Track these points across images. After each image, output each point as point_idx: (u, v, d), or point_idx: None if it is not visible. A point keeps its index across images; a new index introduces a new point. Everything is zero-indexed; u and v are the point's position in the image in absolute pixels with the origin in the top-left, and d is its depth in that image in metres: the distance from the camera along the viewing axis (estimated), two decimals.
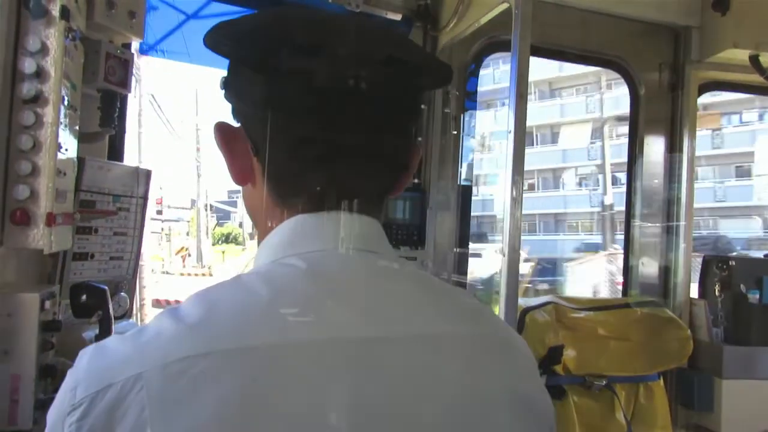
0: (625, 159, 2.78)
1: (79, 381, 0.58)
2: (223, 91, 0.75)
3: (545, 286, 12.46)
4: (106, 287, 1.51)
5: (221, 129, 0.74)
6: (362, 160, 0.71)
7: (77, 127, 1.50)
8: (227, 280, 0.68)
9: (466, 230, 2.54)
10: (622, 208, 2.76)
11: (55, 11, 1.33)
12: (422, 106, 0.78)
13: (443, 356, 0.66)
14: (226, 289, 0.66)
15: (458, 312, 0.73)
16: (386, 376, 0.62)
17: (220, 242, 34.33)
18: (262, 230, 0.75)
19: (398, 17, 2.37)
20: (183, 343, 0.58)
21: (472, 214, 2.55)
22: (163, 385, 0.56)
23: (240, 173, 0.75)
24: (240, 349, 0.58)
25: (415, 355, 0.64)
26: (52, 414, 0.60)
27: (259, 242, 0.76)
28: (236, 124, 0.75)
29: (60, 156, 1.35)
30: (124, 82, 1.69)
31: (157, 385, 0.55)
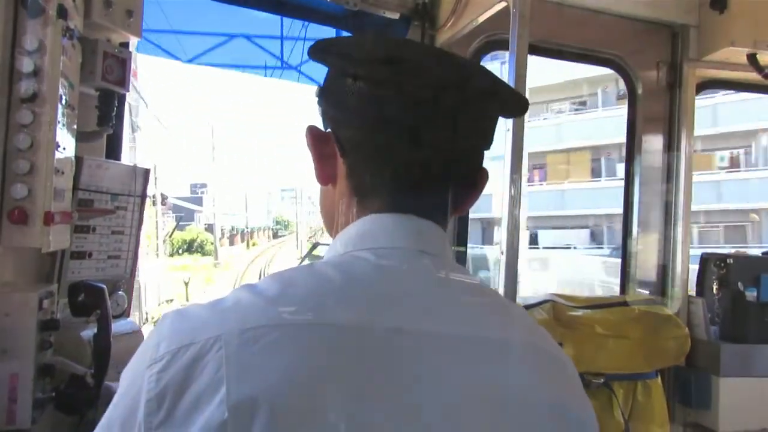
0: None
1: (162, 338, 0.64)
2: (318, 98, 0.82)
3: None
4: (104, 286, 1.50)
5: (312, 131, 0.82)
6: (439, 171, 0.77)
7: (75, 126, 1.50)
8: (302, 266, 0.75)
9: (464, 229, 2.54)
10: None
11: (53, 10, 1.32)
12: (494, 133, 0.85)
13: (498, 361, 0.71)
14: (300, 272, 0.73)
15: (510, 320, 0.78)
16: (433, 370, 0.66)
17: (180, 252, 26.49)
18: (336, 228, 0.81)
19: (396, 16, 2.36)
20: (259, 313, 0.64)
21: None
22: (238, 347, 0.61)
23: (326, 174, 0.82)
24: (311, 324, 0.64)
25: (465, 353, 0.69)
26: (131, 369, 0.66)
27: (333, 237, 0.82)
28: (326, 129, 0.82)
29: (58, 155, 1.35)
30: (122, 81, 1.68)
31: (233, 347, 0.61)
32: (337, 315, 0.65)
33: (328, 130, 0.81)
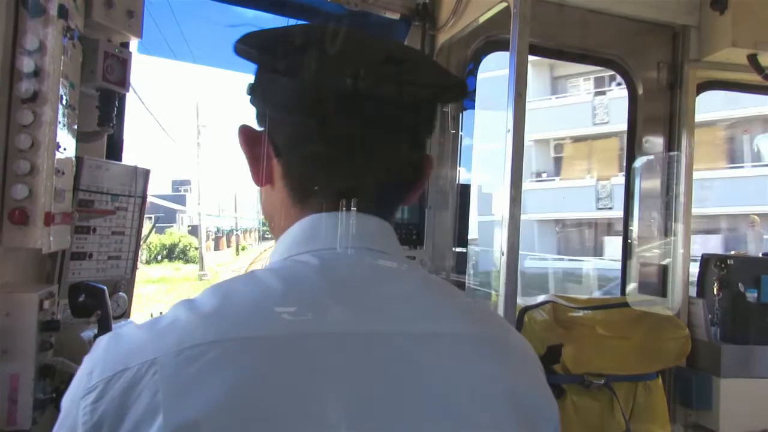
0: None
1: (95, 365, 0.61)
2: (249, 96, 0.78)
3: None
4: (105, 287, 1.50)
5: (245, 132, 0.78)
6: (379, 167, 0.74)
7: (75, 127, 1.50)
8: (242, 275, 0.71)
9: (465, 229, 2.54)
10: None
11: (53, 10, 1.32)
12: (436, 120, 0.82)
13: (444, 354, 0.68)
14: (240, 283, 0.69)
15: (461, 312, 0.75)
16: (386, 372, 0.64)
17: (158, 259, 23.24)
18: (278, 231, 0.78)
19: (397, 16, 2.36)
20: (196, 331, 0.61)
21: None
22: (175, 369, 0.58)
23: (261, 175, 0.78)
24: (251, 338, 0.61)
25: (416, 352, 0.66)
26: (67, 398, 0.63)
27: (276, 241, 0.79)
28: (259, 129, 0.78)
29: (58, 155, 1.35)
30: (123, 81, 1.68)
31: (170, 370, 0.58)
32: (278, 326, 0.62)
33: (262, 129, 0.78)
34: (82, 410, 0.59)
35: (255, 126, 0.79)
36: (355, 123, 0.71)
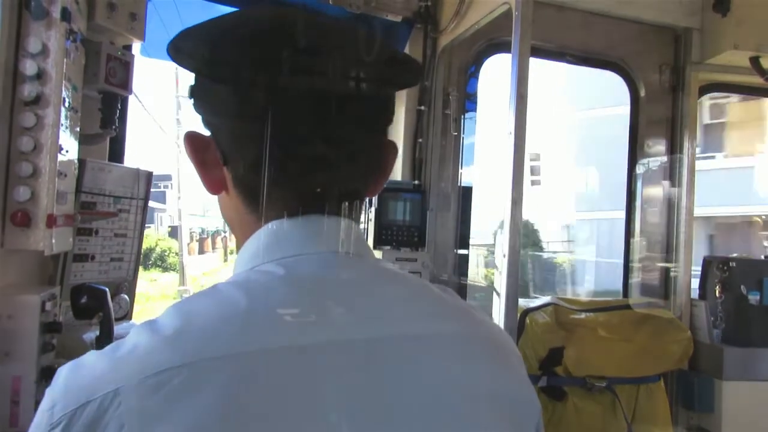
0: None
1: (56, 400, 0.57)
2: (192, 101, 0.74)
3: None
4: (107, 289, 1.51)
5: (191, 139, 0.73)
6: (335, 163, 0.70)
7: (78, 129, 1.50)
8: (204, 290, 0.67)
9: (467, 232, 2.54)
10: None
11: (56, 13, 1.33)
12: (393, 106, 0.77)
13: (426, 356, 0.66)
14: (202, 300, 0.65)
15: (440, 311, 0.72)
16: (366, 379, 0.61)
17: None
18: (239, 239, 0.75)
19: (399, 19, 2.37)
20: (159, 356, 0.57)
21: None
22: (140, 399, 0.55)
23: (212, 183, 0.74)
24: (218, 358, 0.57)
25: (396, 355, 0.64)
26: None
27: (237, 251, 0.75)
28: (207, 133, 0.74)
29: (61, 157, 1.35)
30: (125, 84, 1.69)
31: (135, 400, 0.55)
32: (245, 343, 0.59)
33: (209, 134, 0.73)
34: None
35: (203, 131, 0.74)
36: (303, 123, 0.67)
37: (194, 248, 24.40)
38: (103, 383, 0.56)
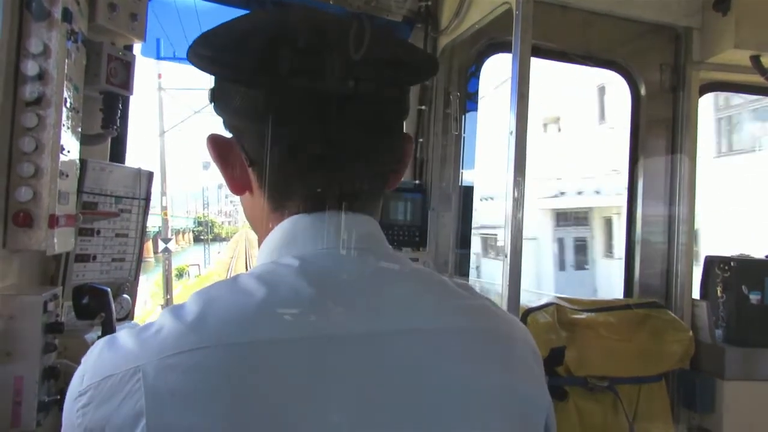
0: None
1: (87, 369, 0.64)
2: (212, 104, 0.75)
3: None
4: (108, 289, 1.51)
5: (214, 141, 0.75)
6: (354, 160, 0.72)
7: (79, 129, 1.51)
8: (225, 280, 0.70)
9: (468, 231, 2.54)
10: None
11: (57, 13, 1.33)
12: (409, 101, 0.79)
13: (436, 351, 0.67)
14: (223, 288, 0.68)
15: (456, 307, 0.73)
16: (376, 373, 0.63)
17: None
18: (262, 237, 0.76)
19: (399, 19, 2.37)
20: (178, 339, 0.61)
21: None
22: (157, 377, 0.59)
23: (237, 184, 0.77)
24: (233, 344, 0.61)
25: (406, 350, 0.65)
26: (67, 398, 0.65)
27: (259, 248, 0.77)
28: (228, 135, 0.75)
29: (62, 158, 1.36)
30: (126, 84, 1.69)
31: (152, 377, 0.59)
32: (259, 331, 0.62)
33: (231, 136, 0.75)
34: (76, 413, 0.62)
35: (224, 133, 0.76)
36: (325, 123, 0.69)
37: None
38: (128, 360, 0.61)
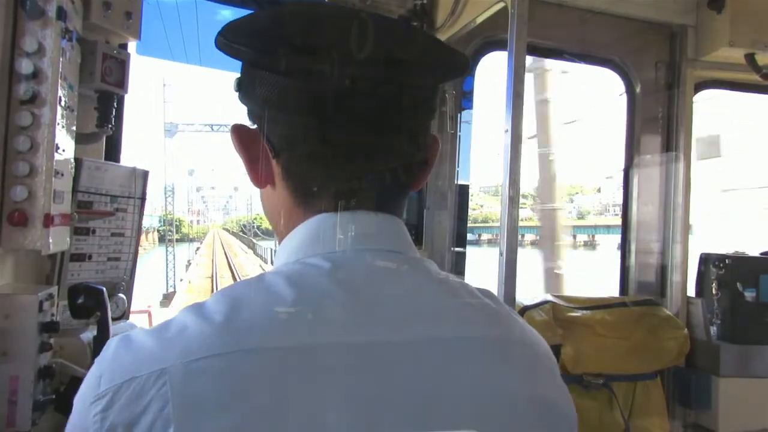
0: None
1: (104, 370, 0.60)
2: (238, 93, 0.73)
3: None
4: (104, 288, 1.50)
5: (238, 131, 0.74)
6: (382, 157, 0.70)
7: (74, 128, 1.50)
8: (251, 279, 0.68)
9: (464, 230, 2.54)
10: None
11: (52, 12, 1.32)
12: (437, 101, 0.77)
13: (462, 359, 0.66)
14: (250, 289, 0.66)
15: (480, 315, 0.72)
16: (406, 380, 0.62)
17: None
18: (282, 232, 0.75)
19: (394, 17, 2.37)
20: (207, 341, 0.59)
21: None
22: (185, 381, 0.56)
23: (260, 176, 0.74)
24: (264, 349, 0.59)
25: (434, 358, 0.64)
26: (78, 400, 0.61)
27: (279, 243, 0.75)
28: (253, 126, 0.74)
29: (57, 157, 1.35)
30: (121, 83, 1.69)
31: (179, 382, 0.56)
32: (290, 336, 0.60)
33: (255, 127, 0.73)
34: (93, 417, 0.58)
35: (248, 124, 0.74)
36: (355, 118, 0.68)
37: None
38: (150, 362, 0.58)
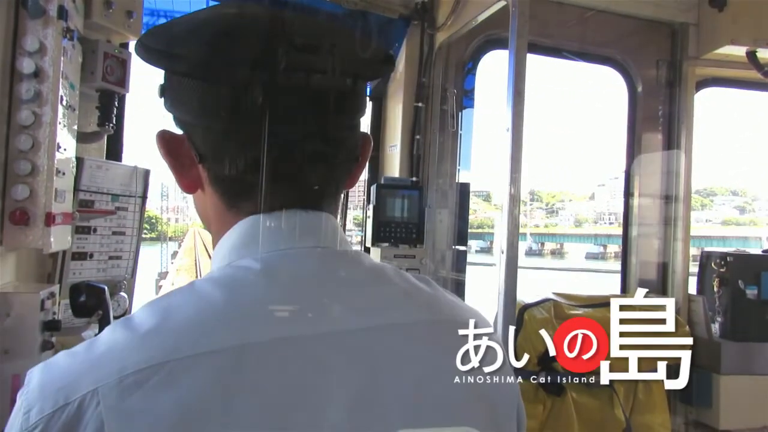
0: None
1: (32, 403, 0.56)
2: (162, 100, 0.72)
3: None
4: (105, 287, 1.50)
5: (163, 138, 0.71)
6: (311, 157, 0.69)
7: (76, 127, 1.50)
8: (181, 288, 0.66)
9: (465, 228, 2.54)
10: None
11: (53, 11, 1.33)
12: (366, 98, 0.77)
13: (400, 345, 0.66)
14: (179, 296, 0.64)
15: (416, 300, 0.72)
16: (342, 371, 0.61)
17: None
18: (216, 236, 0.74)
19: (395, 16, 2.37)
20: (137, 354, 0.56)
21: None
22: (119, 398, 0.54)
23: (188, 182, 0.73)
24: (197, 355, 0.57)
25: (370, 347, 0.64)
26: None
27: (213, 248, 0.74)
28: (179, 132, 0.72)
29: (59, 156, 1.35)
30: (122, 82, 1.69)
31: (113, 400, 0.54)
32: (222, 339, 0.58)
33: (182, 132, 0.71)
34: None
35: (175, 129, 0.72)
36: (277, 119, 0.65)
37: None
38: (82, 384, 0.55)
